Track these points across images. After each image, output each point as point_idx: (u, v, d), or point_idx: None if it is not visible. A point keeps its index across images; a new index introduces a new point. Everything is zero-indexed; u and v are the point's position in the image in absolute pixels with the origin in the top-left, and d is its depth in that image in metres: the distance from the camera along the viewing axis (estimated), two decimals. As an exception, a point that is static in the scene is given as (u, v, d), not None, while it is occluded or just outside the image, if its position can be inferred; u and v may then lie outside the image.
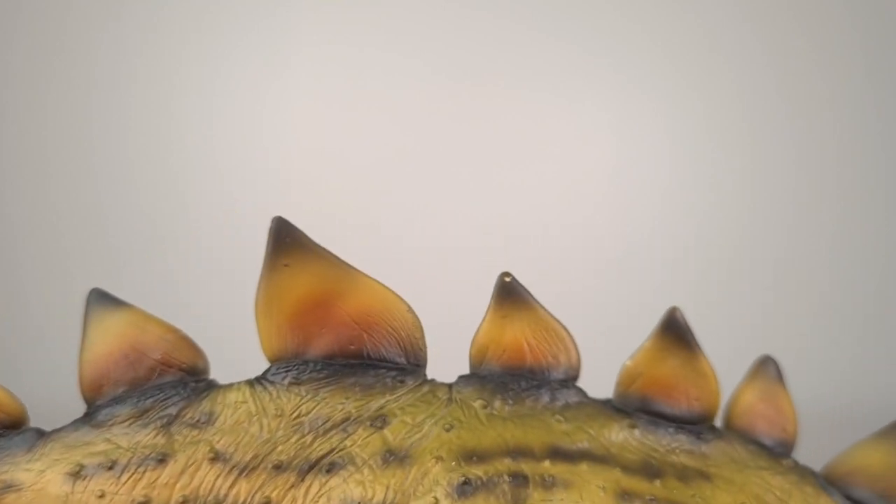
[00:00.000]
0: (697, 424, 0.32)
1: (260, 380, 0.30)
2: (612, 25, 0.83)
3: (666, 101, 0.83)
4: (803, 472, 0.33)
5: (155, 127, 0.81)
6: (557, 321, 0.31)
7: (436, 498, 0.27)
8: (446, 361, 0.33)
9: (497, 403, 0.30)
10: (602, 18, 0.83)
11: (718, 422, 0.34)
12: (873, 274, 0.83)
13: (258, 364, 0.31)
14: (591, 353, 0.35)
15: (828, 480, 0.33)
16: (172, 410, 0.29)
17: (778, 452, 0.33)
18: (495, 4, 0.83)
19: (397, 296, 0.31)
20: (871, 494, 0.33)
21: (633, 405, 0.31)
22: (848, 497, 0.33)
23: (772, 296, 0.82)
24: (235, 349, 0.36)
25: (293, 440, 0.29)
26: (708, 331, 0.35)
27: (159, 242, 0.81)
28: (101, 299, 0.31)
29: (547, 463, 0.28)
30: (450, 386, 0.31)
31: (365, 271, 0.31)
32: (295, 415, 0.29)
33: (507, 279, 0.31)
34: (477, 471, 0.28)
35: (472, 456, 0.28)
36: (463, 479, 0.28)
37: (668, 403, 0.31)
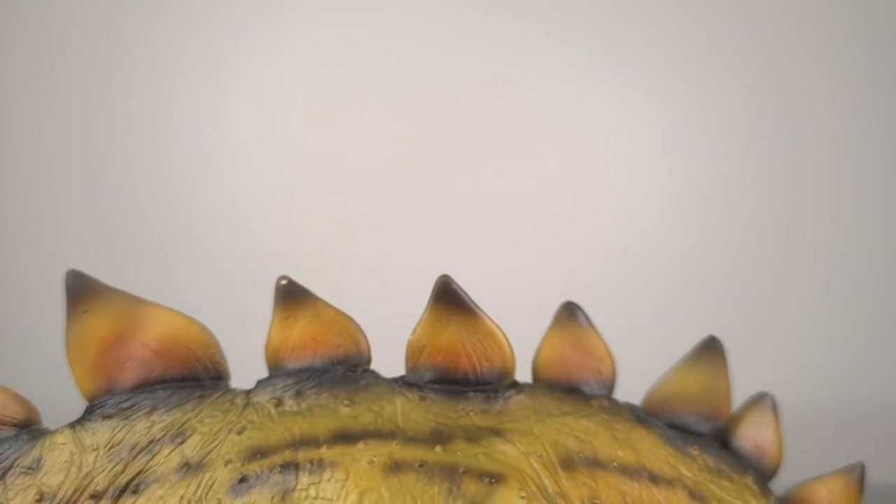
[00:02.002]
0: (494, 384, 0.32)
1: (80, 420, 0.33)
2: (612, 26, 0.83)
3: (666, 101, 0.83)
4: (616, 410, 0.33)
5: (154, 127, 0.83)
6: (338, 311, 0.33)
7: (219, 500, 0.29)
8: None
9: (289, 401, 0.32)
10: (602, 19, 0.83)
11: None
12: (875, 275, 0.81)
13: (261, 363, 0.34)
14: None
15: (647, 412, 0.33)
16: (7, 463, 0.32)
17: (596, 395, 0.33)
18: (495, 4, 0.84)
19: (188, 318, 0.33)
20: (694, 417, 0.33)
21: (425, 378, 0.32)
22: (670, 425, 0.33)
23: (772, 296, 0.81)
24: (236, 347, 0.37)
25: (107, 469, 0.31)
26: (708, 330, 0.36)
27: (159, 242, 0.83)
28: (-56, 374, 0.34)
29: (324, 448, 0.30)
30: (248, 392, 0.33)
31: (158, 302, 0.33)
32: (109, 446, 0.32)
33: (284, 282, 0.32)
34: (255, 467, 0.29)
35: (257, 454, 0.30)
36: (241, 476, 0.29)
37: (457, 369, 0.32)
